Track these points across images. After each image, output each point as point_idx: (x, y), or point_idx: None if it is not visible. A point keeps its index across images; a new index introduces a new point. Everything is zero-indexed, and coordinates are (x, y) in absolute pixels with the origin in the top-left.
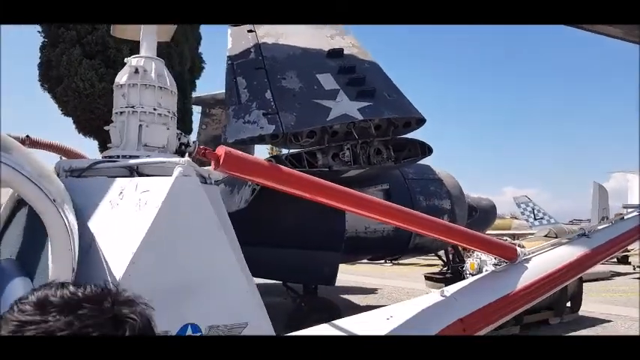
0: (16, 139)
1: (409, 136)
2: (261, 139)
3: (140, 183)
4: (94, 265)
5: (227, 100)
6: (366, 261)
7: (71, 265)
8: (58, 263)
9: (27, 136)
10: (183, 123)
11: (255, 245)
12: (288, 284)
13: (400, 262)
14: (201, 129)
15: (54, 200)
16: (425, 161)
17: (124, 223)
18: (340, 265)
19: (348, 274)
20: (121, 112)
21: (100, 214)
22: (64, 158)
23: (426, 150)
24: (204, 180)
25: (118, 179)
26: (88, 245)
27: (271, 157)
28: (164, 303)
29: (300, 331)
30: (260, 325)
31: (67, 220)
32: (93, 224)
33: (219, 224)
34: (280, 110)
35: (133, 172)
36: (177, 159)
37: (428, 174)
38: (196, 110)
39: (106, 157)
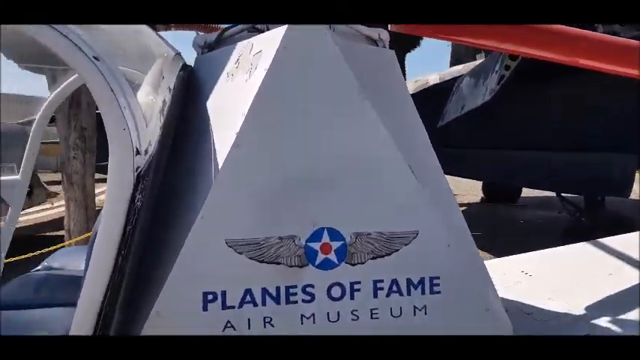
0: None
1: None
2: None
3: (255, 43)
4: (204, 152)
5: None
6: None
7: (131, 147)
8: (112, 143)
9: None
10: None
11: (509, 148)
12: (563, 195)
13: None
14: None
15: (95, 58)
16: None
17: (236, 96)
18: None
19: None
20: None
21: (217, 90)
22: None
23: None
24: (373, 42)
25: (239, 44)
26: (204, 128)
27: None
28: (285, 198)
29: None
30: (442, 236)
31: (119, 87)
32: (210, 102)
33: (364, 95)
34: None
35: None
36: None
37: None
38: None
39: None
